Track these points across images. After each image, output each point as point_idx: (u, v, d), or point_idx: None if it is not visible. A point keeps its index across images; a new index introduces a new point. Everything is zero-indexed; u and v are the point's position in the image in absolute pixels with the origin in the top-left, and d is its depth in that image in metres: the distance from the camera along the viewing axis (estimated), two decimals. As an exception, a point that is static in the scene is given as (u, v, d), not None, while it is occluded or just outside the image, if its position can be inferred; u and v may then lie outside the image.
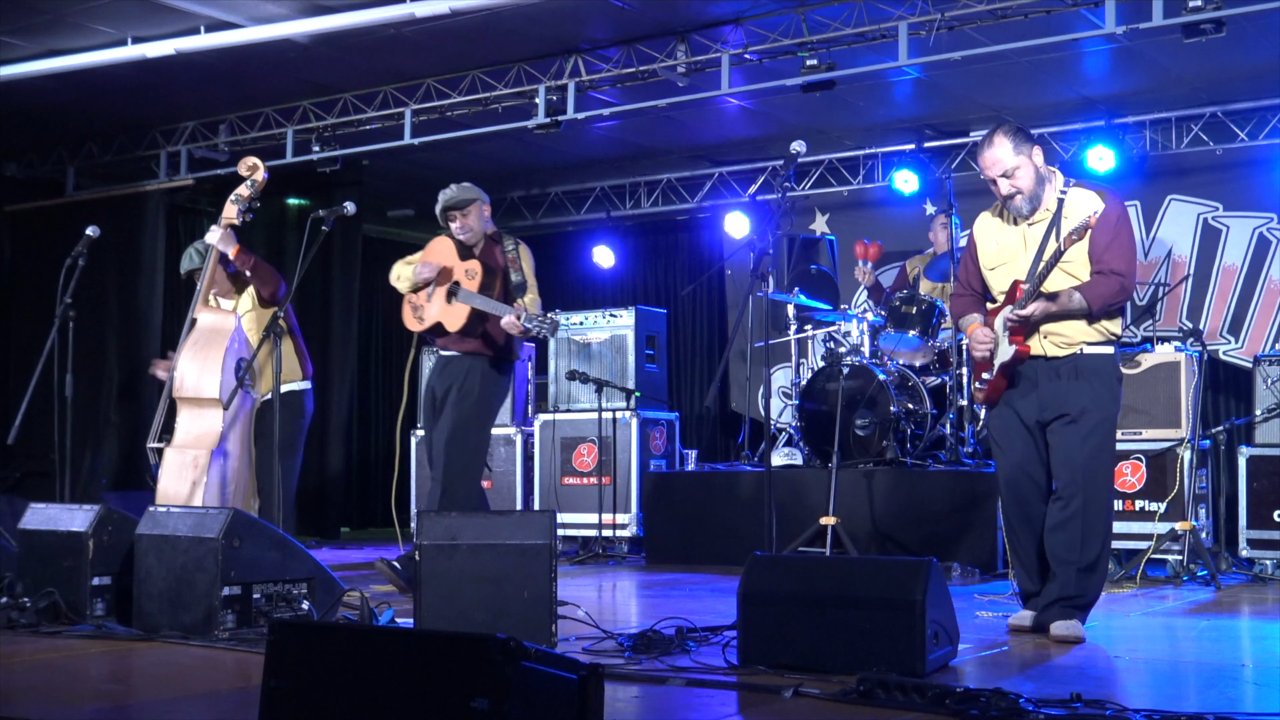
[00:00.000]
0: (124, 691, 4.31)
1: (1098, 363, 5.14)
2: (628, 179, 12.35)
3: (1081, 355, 5.13)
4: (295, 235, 11.13)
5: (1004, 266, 5.27)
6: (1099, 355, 5.15)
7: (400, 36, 8.48)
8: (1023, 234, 5.24)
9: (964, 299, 5.50)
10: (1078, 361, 5.13)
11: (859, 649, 4.10)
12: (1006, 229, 5.31)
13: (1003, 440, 5.31)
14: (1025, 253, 5.20)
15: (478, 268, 6.62)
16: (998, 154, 5.13)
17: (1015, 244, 5.26)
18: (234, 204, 6.68)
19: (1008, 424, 5.27)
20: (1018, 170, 5.12)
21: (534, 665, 2.67)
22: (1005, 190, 5.16)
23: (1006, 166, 5.12)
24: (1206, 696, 4.00)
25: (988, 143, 5.17)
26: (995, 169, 5.15)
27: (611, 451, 9.16)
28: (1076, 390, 5.11)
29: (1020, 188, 5.13)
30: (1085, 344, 5.13)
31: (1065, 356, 5.14)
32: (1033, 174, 5.14)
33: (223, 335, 6.33)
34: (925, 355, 8.36)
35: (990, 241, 5.36)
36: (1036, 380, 5.19)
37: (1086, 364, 5.13)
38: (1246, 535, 7.64)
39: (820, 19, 8.24)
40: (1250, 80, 9.23)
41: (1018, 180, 5.13)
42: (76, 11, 8.11)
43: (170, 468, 6.19)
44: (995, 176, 5.16)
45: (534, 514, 5.10)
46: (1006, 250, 5.28)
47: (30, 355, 7.77)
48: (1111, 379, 5.18)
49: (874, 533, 7.75)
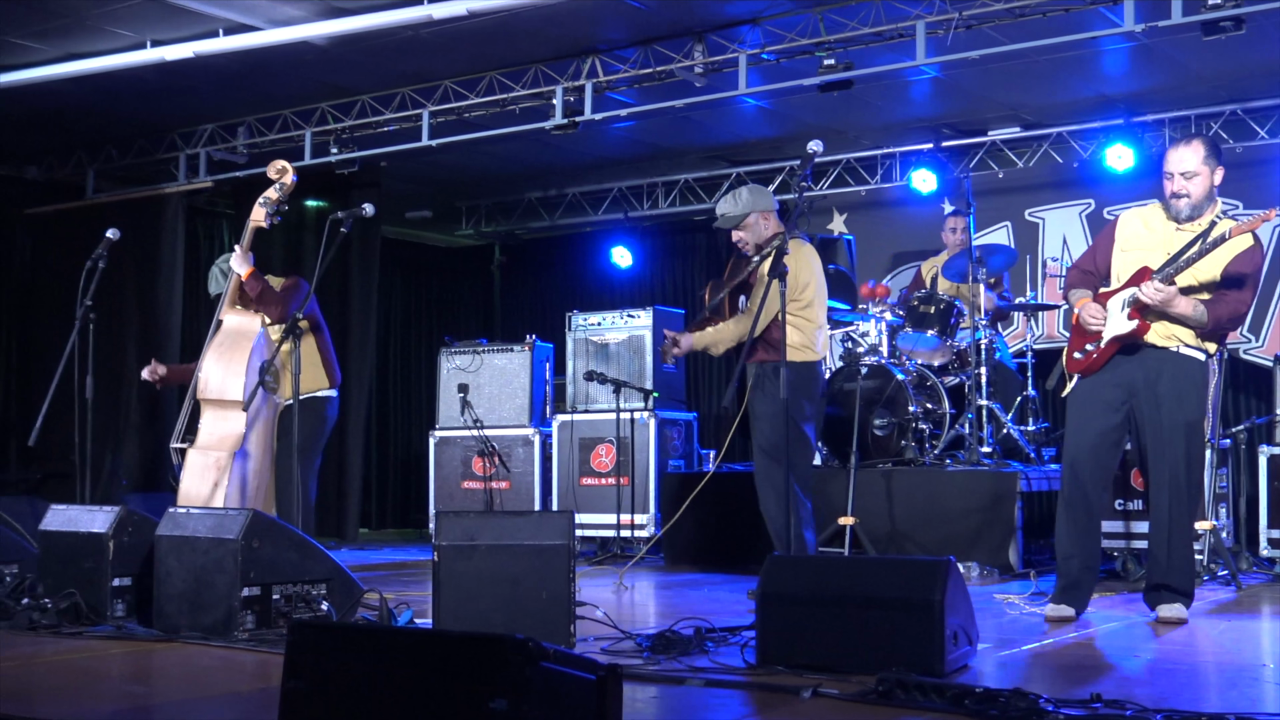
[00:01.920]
0: (144, 692, 4.33)
1: (1191, 365, 5.45)
2: (645, 179, 12.35)
3: (1176, 354, 5.43)
4: (314, 237, 11.17)
5: (1140, 251, 5.49)
6: (1190, 360, 5.45)
7: (418, 38, 8.50)
8: (1170, 233, 5.48)
9: (1080, 273, 5.75)
10: (1174, 360, 5.43)
11: (878, 649, 4.09)
12: (1157, 223, 5.55)
13: (1082, 415, 5.57)
14: (1163, 248, 5.44)
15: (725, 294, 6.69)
16: (1187, 155, 5.42)
17: (1160, 238, 5.49)
18: (262, 206, 6.70)
19: (1092, 399, 5.55)
20: (1196, 177, 5.40)
21: (552, 666, 2.67)
22: (1176, 187, 5.42)
23: (1187, 168, 5.40)
24: (1227, 697, 3.98)
25: (1185, 142, 5.48)
26: (1178, 166, 5.42)
27: (630, 452, 9.16)
28: (1167, 391, 5.42)
29: (1190, 192, 5.41)
30: (1182, 343, 5.42)
31: (1156, 349, 5.42)
32: (1206, 187, 5.43)
33: (248, 338, 6.36)
34: (943, 355, 8.34)
35: (1138, 225, 5.60)
36: (1130, 363, 5.46)
37: (1180, 364, 5.43)
38: (1267, 535, 7.61)
39: (838, 19, 8.23)
40: (1270, 78, 9.19)
41: (1192, 185, 5.41)
42: (95, 15, 8.15)
43: (192, 469, 6.22)
44: (1175, 172, 5.42)
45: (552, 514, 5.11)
46: (1150, 238, 5.51)
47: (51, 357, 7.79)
48: (1199, 384, 5.47)
49: (892, 533, 7.74)
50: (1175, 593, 5.52)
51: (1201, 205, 5.43)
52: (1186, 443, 5.43)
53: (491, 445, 9.46)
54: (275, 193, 6.72)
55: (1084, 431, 5.57)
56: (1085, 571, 5.58)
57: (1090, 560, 5.60)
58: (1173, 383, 5.43)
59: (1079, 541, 5.55)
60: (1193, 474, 5.50)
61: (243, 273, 6.76)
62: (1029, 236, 10.49)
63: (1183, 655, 4.90)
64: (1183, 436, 5.42)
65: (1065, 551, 5.60)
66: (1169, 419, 5.42)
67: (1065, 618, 5.50)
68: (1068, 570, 5.58)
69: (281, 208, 6.77)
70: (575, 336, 9.77)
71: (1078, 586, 5.56)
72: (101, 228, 7.29)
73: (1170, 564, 5.49)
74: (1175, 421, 5.41)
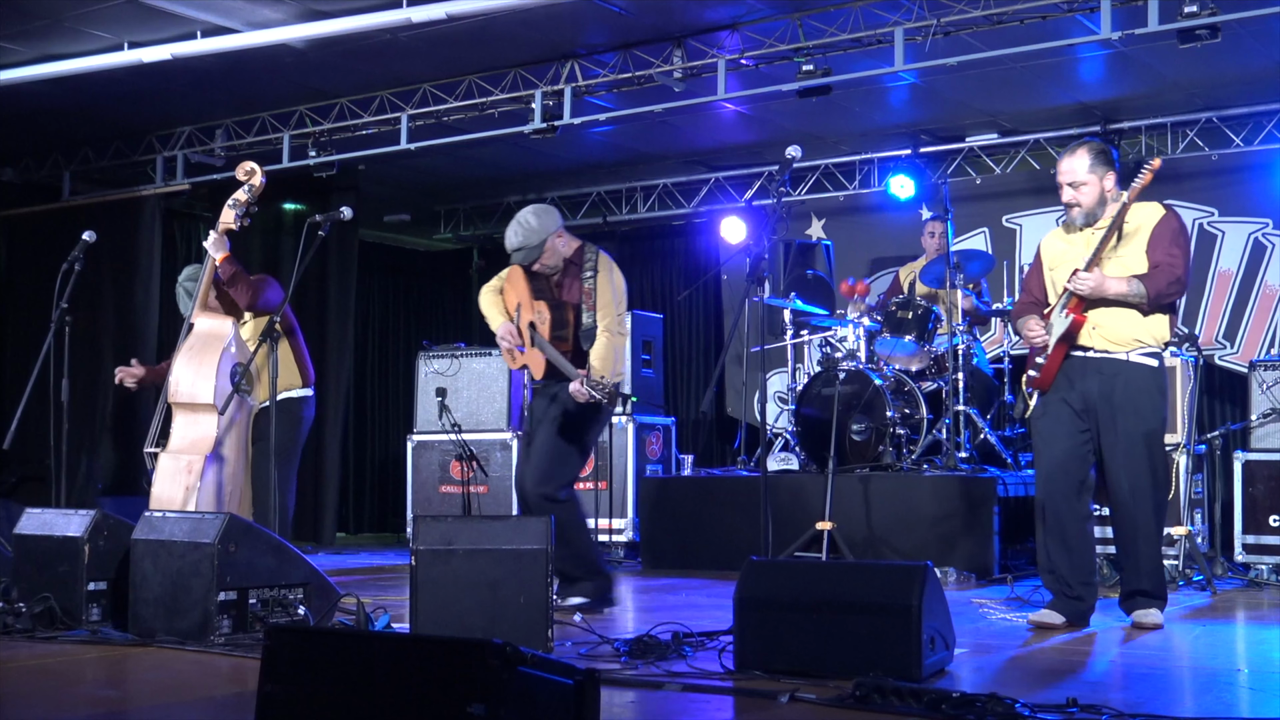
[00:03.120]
0: (119, 697, 4.30)
1: (1144, 374, 5.46)
2: (624, 184, 12.35)
3: (1128, 362, 5.45)
4: (291, 240, 11.15)
5: (1065, 266, 5.54)
6: (1145, 366, 5.47)
7: (397, 42, 8.48)
8: (1086, 239, 5.54)
9: (1024, 304, 5.81)
10: (1126, 371, 5.45)
11: (855, 654, 4.10)
12: (1072, 237, 5.63)
13: (1048, 434, 5.58)
14: (1086, 252, 5.48)
15: (546, 312, 6.15)
16: (1074, 165, 5.50)
17: (1079, 246, 5.55)
18: (231, 209, 6.66)
19: (1054, 419, 5.55)
20: (1084, 186, 5.48)
21: (530, 670, 2.67)
22: (1067, 198, 5.53)
23: (1075, 178, 5.49)
24: (1202, 701, 4.00)
25: (1071, 151, 5.54)
26: (1066, 176, 5.52)
27: (608, 456, 9.15)
28: (1122, 401, 5.42)
29: (1080, 202, 5.50)
30: (1134, 347, 5.44)
31: (1113, 359, 5.45)
32: (1096, 194, 5.48)
33: (219, 340, 6.33)
34: (921, 360, 8.36)
35: (1059, 244, 5.69)
36: (1085, 373, 5.48)
37: (1133, 374, 5.45)
38: (1242, 540, 7.65)
39: (816, 25, 8.24)
40: (1246, 85, 9.25)
41: (1080, 194, 5.49)
42: (73, 16, 8.11)
43: (164, 472, 6.19)
44: (1064, 183, 5.53)
45: (530, 519, 5.10)
46: (1071, 250, 5.58)
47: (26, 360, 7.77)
48: (1154, 391, 5.49)
49: (870, 538, 7.75)
50: (1150, 597, 5.54)
51: (1095, 211, 5.50)
52: (1148, 452, 5.45)
53: (470, 449, 9.44)
54: (244, 194, 6.68)
55: (1051, 448, 5.57)
56: (1076, 585, 5.51)
57: (1077, 573, 5.52)
58: (1128, 392, 5.43)
59: (1063, 558, 5.51)
60: (1157, 479, 5.50)
61: (218, 256, 6.69)
62: (1006, 242, 10.53)
63: (1158, 660, 4.92)
64: (1143, 446, 5.43)
65: (1045, 565, 5.59)
66: (1126, 429, 5.42)
67: (1048, 624, 5.47)
68: (1052, 583, 5.57)
69: (251, 209, 6.74)
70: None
71: (1067, 597, 5.52)
72: (78, 230, 7.26)
73: (1141, 570, 5.52)
74: (1134, 431, 5.43)
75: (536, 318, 6.17)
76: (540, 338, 6.12)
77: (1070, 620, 5.49)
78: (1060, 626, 5.46)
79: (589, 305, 6.17)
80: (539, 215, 6.18)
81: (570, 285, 6.25)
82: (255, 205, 6.78)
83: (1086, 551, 5.61)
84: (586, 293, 6.18)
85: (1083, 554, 5.56)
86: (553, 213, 6.27)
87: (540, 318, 6.16)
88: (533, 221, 6.15)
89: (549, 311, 6.15)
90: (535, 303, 6.20)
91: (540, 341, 6.12)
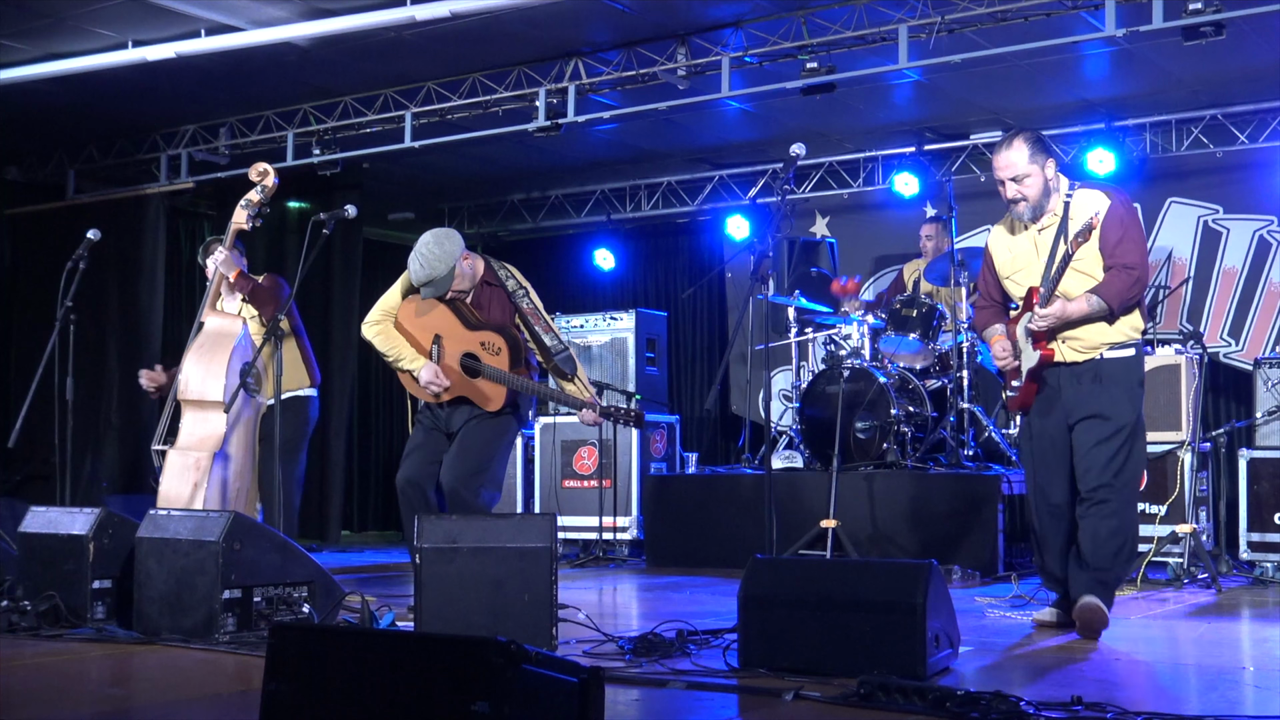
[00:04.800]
0: (124, 695, 4.31)
1: (1117, 368, 5.25)
2: (628, 182, 12.35)
3: (1102, 360, 5.25)
4: (296, 238, 11.15)
5: (1019, 273, 5.37)
6: (1119, 360, 5.26)
7: (400, 40, 8.48)
8: (1033, 240, 5.33)
9: (986, 310, 5.62)
10: (1099, 367, 5.25)
11: (860, 652, 4.10)
12: (1018, 237, 5.41)
13: (1035, 454, 5.42)
14: (1038, 258, 5.30)
15: (498, 342, 5.87)
16: (1013, 158, 5.23)
17: (1028, 250, 5.35)
18: (244, 209, 6.68)
19: (1038, 438, 5.39)
20: (1027, 179, 5.22)
21: (534, 668, 2.67)
22: (1011, 194, 5.26)
23: (1018, 172, 5.22)
24: (1207, 699, 4.00)
25: (1006, 144, 5.27)
26: (1007, 172, 5.25)
27: (612, 454, 9.16)
28: (1097, 395, 5.23)
29: (1026, 195, 5.23)
30: (1106, 347, 5.24)
31: (1085, 361, 5.26)
32: (1041, 185, 5.24)
33: (229, 339, 6.33)
34: (926, 358, 8.36)
35: (1004, 251, 5.46)
36: (1060, 387, 5.31)
37: (1107, 369, 5.25)
38: (1247, 538, 7.64)
39: (820, 22, 8.24)
40: (1250, 82, 9.23)
41: (1025, 188, 5.23)
42: (77, 15, 8.12)
43: (172, 470, 6.19)
44: (1005, 179, 5.26)
45: (534, 517, 5.10)
46: (1020, 258, 5.38)
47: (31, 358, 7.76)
48: (1132, 384, 5.28)
49: (874, 536, 7.75)
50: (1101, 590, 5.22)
51: (1042, 204, 5.26)
52: (1133, 443, 5.23)
53: (474, 447, 9.42)
54: (257, 195, 6.69)
55: (1040, 468, 5.40)
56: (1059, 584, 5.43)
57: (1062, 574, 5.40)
58: (1106, 390, 5.22)
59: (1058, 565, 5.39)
60: (1135, 473, 5.32)
61: (230, 275, 6.74)
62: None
63: (1163, 658, 4.92)
64: (1121, 436, 5.19)
65: (1043, 570, 5.53)
66: (1105, 423, 5.20)
67: (1048, 623, 5.43)
68: (1053, 586, 5.50)
69: (263, 210, 6.75)
70: None
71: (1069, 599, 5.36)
72: (82, 228, 7.26)
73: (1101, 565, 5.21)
74: (1112, 424, 5.20)
75: (483, 350, 5.87)
76: (493, 369, 5.84)
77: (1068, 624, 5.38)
78: (1058, 625, 5.39)
79: (541, 326, 5.97)
80: (440, 242, 5.89)
81: (494, 305, 6.00)
82: (267, 206, 6.80)
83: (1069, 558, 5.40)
84: (533, 313, 5.98)
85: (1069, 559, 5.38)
86: (454, 235, 5.97)
87: (491, 348, 5.86)
88: (436, 250, 5.87)
89: (503, 341, 5.87)
90: (475, 334, 5.91)
91: (494, 373, 5.83)
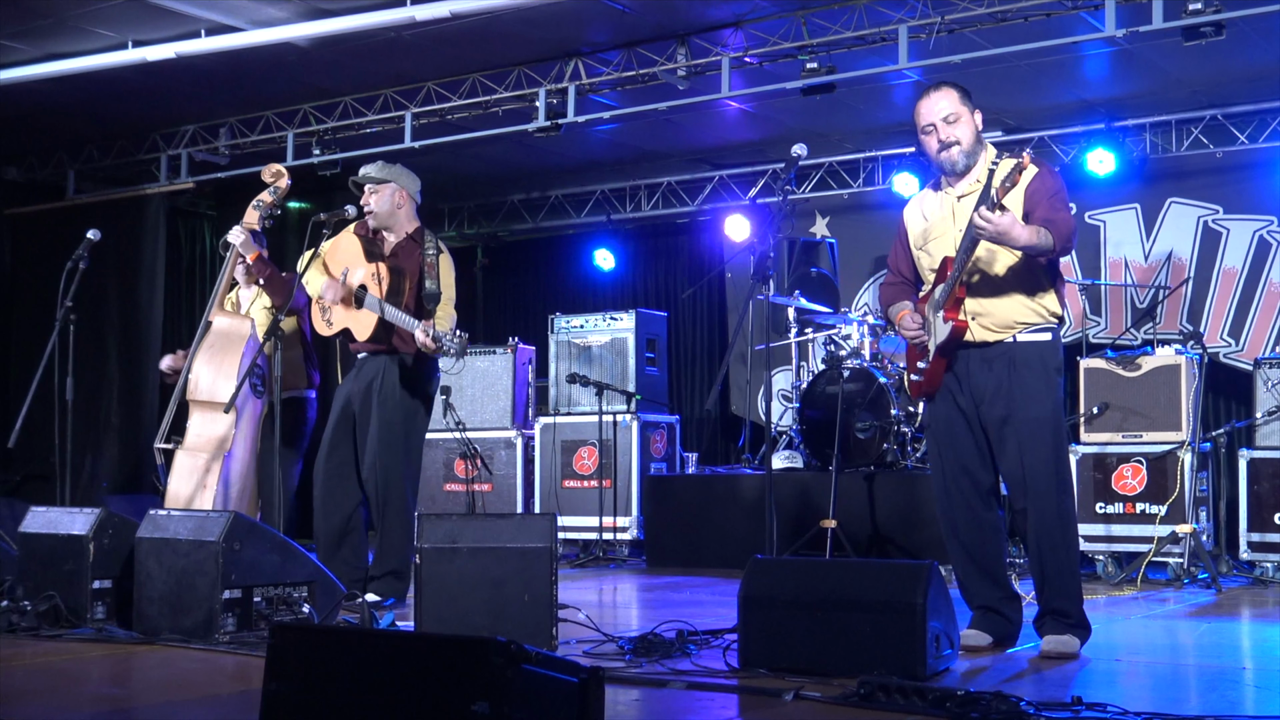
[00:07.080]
0: (124, 695, 4.31)
1: (1031, 353, 4.78)
2: (628, 182, 12.35)
3: (1015, 344, 4.78)
4: (296, 238, 11.15)
5: (933, 242, 4.93)
6: (1034, 344, 4.79)
7: (400, 40, 8.49)
8: (951, 207, 4.90)
9: (892, 287, 5.17)
10: (1012, 351, 4.79)
11: (860, 652, 4.10)
12: (934, 202, 5.00)
13: (942, 437, 4.95)
14: (954, 226, 4.85)
15: (384, 271, 6.16)
16: (941, 99, 4.88)
17: (944, 218, 4.92)
18: (255, 209, 6.69)
19: (947, 419, 4.93)
20: (959, 120, 4.85)
21: (534, 668, 2.67)
22: (944, 136, 4.84)
23: (948, 111, 4.85)
24: (1207, 699, 4.00)
25: (934, 88, 4.92)
26: (937, 115, 4.86)
27: (612, 454, 9.16)
28: (1010, 386, 4.77)
29: (959, 137, 4.84)
30: (1020, 329, 4.78)
31: (997, 343, 4.80)
32: (972, 131, 4.88)
33: (239, 340, 6.33)
34: (926, 358, 8.34)
35: (919, 220, 5.03)
36: (969, 369, 4.85)
37: (1020, 354, 4.78)
38: (1247, 538, 7.64)
39: (820, 22, 8.24)
40: (1250, 83, 9.23)
41: (957, 129, 4.85)
42: (77, 15, 8.12)
43: (180, 470, 6.19)
44: (936, 122, 4.86)
45: (534, 517, 5.10)
46: (936, 225, 4.94)
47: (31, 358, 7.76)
48: (1049, 371, 4.81)
49: (874, 536, 7.75)
50: (1061, 619, 4.77)
51: (974, 151, 4.86)
52: (1045, 442, 4.75)
53: (474, 448, 9.44)
54: (270, 196, 6.70)
55: (946, 458, 4.94)
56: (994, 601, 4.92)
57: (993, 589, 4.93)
58: (1020, 378, 4.75)
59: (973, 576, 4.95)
60: (1059, 475, 4.81)
61: (249, 256, 6.73)
62: (1011, 240, 10.49)
63: (1163, 658, 4.92)
64: (1038, 435, 4.74)
65: (960, 582, 5.05)
66: (1021, 418, 4.75)
67: (973, 646, 4.82)
68: (970, 602, 4.99)
69: (274, 211, 6.77)
70: (558, 339, 9.77)
71: (990, 614, 4.92)
72: (82, 228, 7.26)
73: (1049, 584, 4.79)
74: (1028, 419, 4.74)
75: (371, 279, 6.16)
76: (374, 298, 6.10)
77: (997, 640, 4.89)
78: (987, 648, 4.84)
79: (431, 275, 6.21)
80: (404, 169, 6.38)
81: (408, 254, 6.30)
82: (279, 208, 6.82)
83: (998, 565, 4.95)
84: (429, 265, 6.24)
85: (995, 568, 4.93)
86: (416, 180, 6.44)
87: (376, 277, 6.15)
88: (396, 167, 6.35)
89: (387, 272, 6.16)
90: (370, 264, 6.19)
91: (373, 301, 6.09)
